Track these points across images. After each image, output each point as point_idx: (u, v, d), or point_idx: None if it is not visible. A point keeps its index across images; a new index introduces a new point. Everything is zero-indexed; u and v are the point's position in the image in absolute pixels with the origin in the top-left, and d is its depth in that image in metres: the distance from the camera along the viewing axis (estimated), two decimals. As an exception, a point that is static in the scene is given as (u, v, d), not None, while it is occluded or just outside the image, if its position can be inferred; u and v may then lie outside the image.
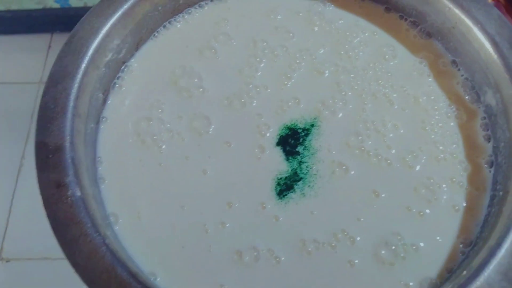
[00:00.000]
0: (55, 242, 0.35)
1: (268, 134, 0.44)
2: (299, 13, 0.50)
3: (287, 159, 0.43)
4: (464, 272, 0.37)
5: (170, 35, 0.49)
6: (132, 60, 0.47)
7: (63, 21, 1.08)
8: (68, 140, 0.39)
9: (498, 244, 0.36)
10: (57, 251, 0.35)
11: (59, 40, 1.13)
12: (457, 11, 0.45)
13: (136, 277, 0.34)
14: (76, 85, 0.41)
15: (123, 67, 0.47)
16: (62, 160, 0.38)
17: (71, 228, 0.35)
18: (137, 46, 0.47)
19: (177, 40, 0.48)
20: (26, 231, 0.90)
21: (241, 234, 0.40)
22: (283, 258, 0.40)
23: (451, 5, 0.46)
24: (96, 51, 0.43)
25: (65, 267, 0.34)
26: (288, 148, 0.44)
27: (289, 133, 0.44)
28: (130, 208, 0.41)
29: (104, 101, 0.45)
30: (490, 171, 0.43)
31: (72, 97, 0.41)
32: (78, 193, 0.37)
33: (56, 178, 0.37)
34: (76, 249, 0.35)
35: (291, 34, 0.49)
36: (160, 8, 0.47)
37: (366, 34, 0.49)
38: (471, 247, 0.40)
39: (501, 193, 0.41)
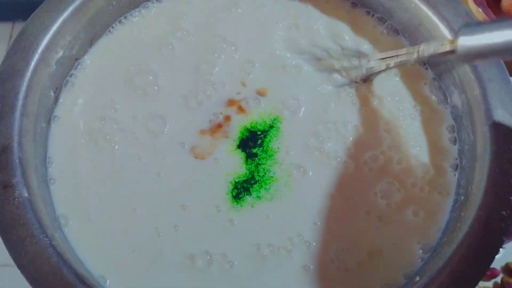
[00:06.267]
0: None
1: (229, 136, 0.51)
2: (263, 7, 0.56)
3: (246, 162, 0.49)
4: (417, 278, 0.44)
5: (126, 31, 0.55)
6: (85, 57, 0.53)
7: (26, 9, 1.13)
8: (16, 140, 0.45)
9: (455, 251, 0.43)
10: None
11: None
12: (423, 7, 0.52)
13: (82, 279, 0.41)
14: (25, 84, 0.47)
15: (76, 64, 0.53)
16: (10, 161, 0.44)
17: (17, 229, 0.41)
18: (90, 42, 0.54)
19: (133, 36, 0.55)
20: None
21: (194, 238, 0.47)
22: (236, 263, 0.46)
23: (417, 1, 0.52)
24: (47, 48, 0.49)
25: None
26: (248, 151, 0.50)
27: (249, 135, 0.50)
28: (80, 210, 0.47)
29: (56, 99, 0.51)
30: (454, 175, 0.50)
31: (21, 96, 0.47)
32: (25, 194, 0.43)
33: (3, 179, 0.43)
34: (22, 251, 0.41)
35: (253, 29, 0.55)
36: (114, 2, 0.53)
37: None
38: (431, 253, 0.47)
39: (462, 197, 0.47)
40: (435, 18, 0.51)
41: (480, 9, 0.65)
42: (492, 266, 0.43)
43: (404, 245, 0.47)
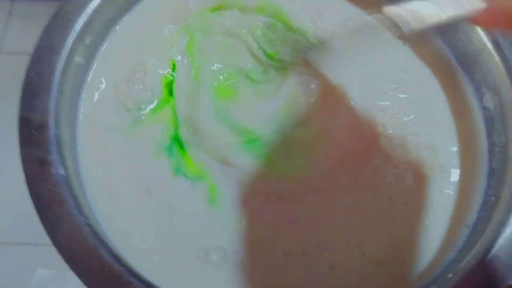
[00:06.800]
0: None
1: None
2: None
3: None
4: (450, 275, 0.44)
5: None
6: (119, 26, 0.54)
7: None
8: (52, 117, 0.44)
9: (487, 250, 0.43)
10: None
11: (21, 6, 1.18)
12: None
13: (118, 259, 0.40)
14: (62, 61, 0.46)
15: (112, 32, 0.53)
16: (46, 137, 0.43)
17: (54, 207, 0.41)
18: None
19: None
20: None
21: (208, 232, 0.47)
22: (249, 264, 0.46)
23: (455, 1, 0.52)
24: (84, 26, 0.48)
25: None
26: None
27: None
28: (104, 189, 0.47)
29: (86, 77, 0.51)
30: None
31: (58, 73, 0.46)
32: (62, 172, 0.42)
33: (40, 155, 0.42)
34: (58, 229, 0.40)
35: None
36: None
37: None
38: (459, 251, 0.47)
39: (492, 198, 0.48)
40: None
41: None
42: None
43: (430, 240, 0.48)
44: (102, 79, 0.51)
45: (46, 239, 0.40)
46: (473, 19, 0.38)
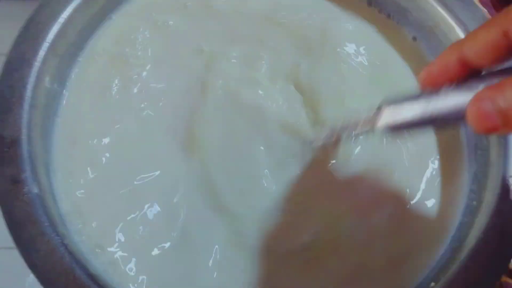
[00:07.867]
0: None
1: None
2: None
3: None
4: (432, 284, 0.43)
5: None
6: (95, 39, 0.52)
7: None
8: (25, 133, 0.43)
9: (470, 258, 0.42)
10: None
11: (3, 7, 1.16)
12: (440, 9, 0.51)
13: (95, 279, 0.39)
14: (34, 74, 0.45)
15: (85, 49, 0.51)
16: (19, 154, 0.42)
17: (27, 227, 0.39)
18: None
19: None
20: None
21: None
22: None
23: (434, 3, 0.51)
24: (57, 36, 0.47)
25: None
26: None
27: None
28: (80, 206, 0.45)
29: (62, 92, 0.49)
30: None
31: (30, 86, 0.44)
32: (35, 190, 0.41)
33: (12, 174, 0.41)
34: (33, 249, 0.39)
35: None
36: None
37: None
38: (441, 257, 0.46)
39: (474, 202, 0.47)
40: (451, 21, 0.50)
41: (486, 10, 0.64)
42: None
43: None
44: (78, 91, 0.49)
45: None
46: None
